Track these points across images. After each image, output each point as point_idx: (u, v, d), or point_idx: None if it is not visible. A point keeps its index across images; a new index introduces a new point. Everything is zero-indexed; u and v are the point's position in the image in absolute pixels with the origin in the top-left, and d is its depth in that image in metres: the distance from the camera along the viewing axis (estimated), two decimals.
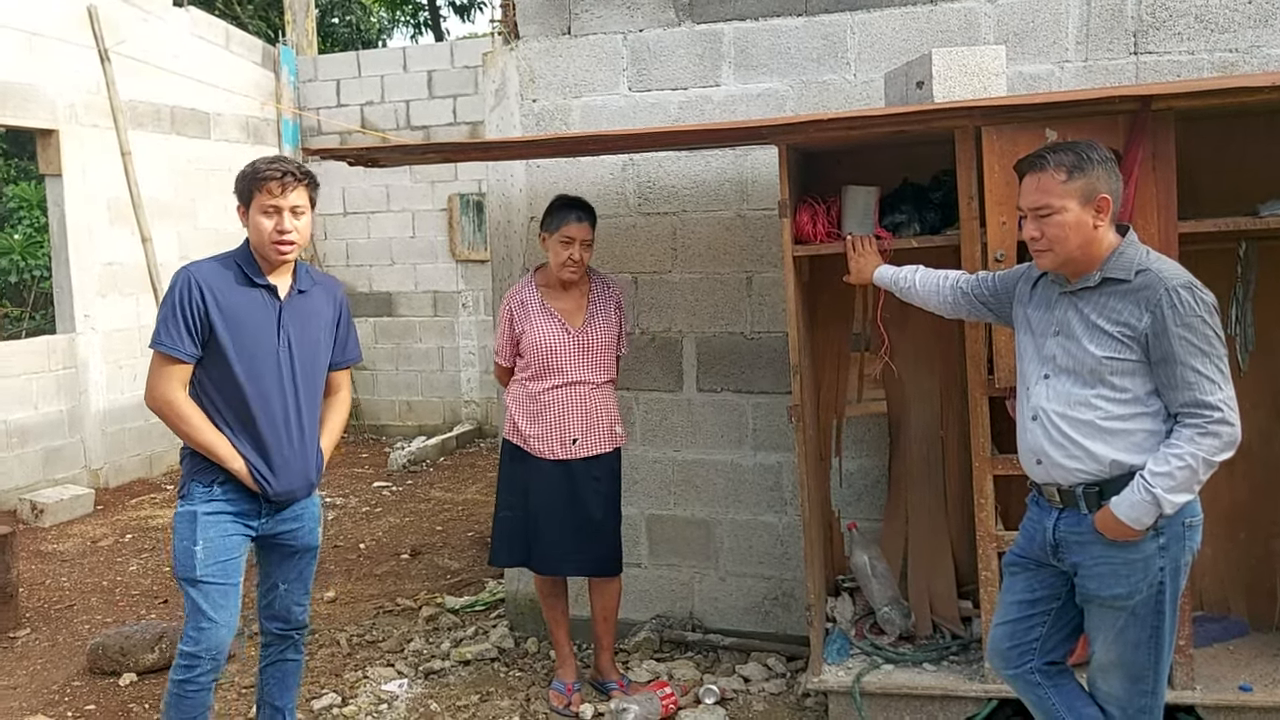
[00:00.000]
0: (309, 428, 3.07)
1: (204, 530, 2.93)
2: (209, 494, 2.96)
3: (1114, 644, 2.57)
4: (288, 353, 2.98)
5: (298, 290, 3.05)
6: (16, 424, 7.21)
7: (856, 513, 4.08)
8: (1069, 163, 2.46)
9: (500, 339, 3.85)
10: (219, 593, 2.95)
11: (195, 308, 2.88)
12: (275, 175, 2.93)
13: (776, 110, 4.07)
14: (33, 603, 5.23)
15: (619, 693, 3.81)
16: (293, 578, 3.18)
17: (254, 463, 2.95)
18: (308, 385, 3.05)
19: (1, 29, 7.04)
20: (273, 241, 2.94)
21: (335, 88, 9.92)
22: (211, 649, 2.95)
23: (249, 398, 2.93)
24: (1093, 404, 2.50)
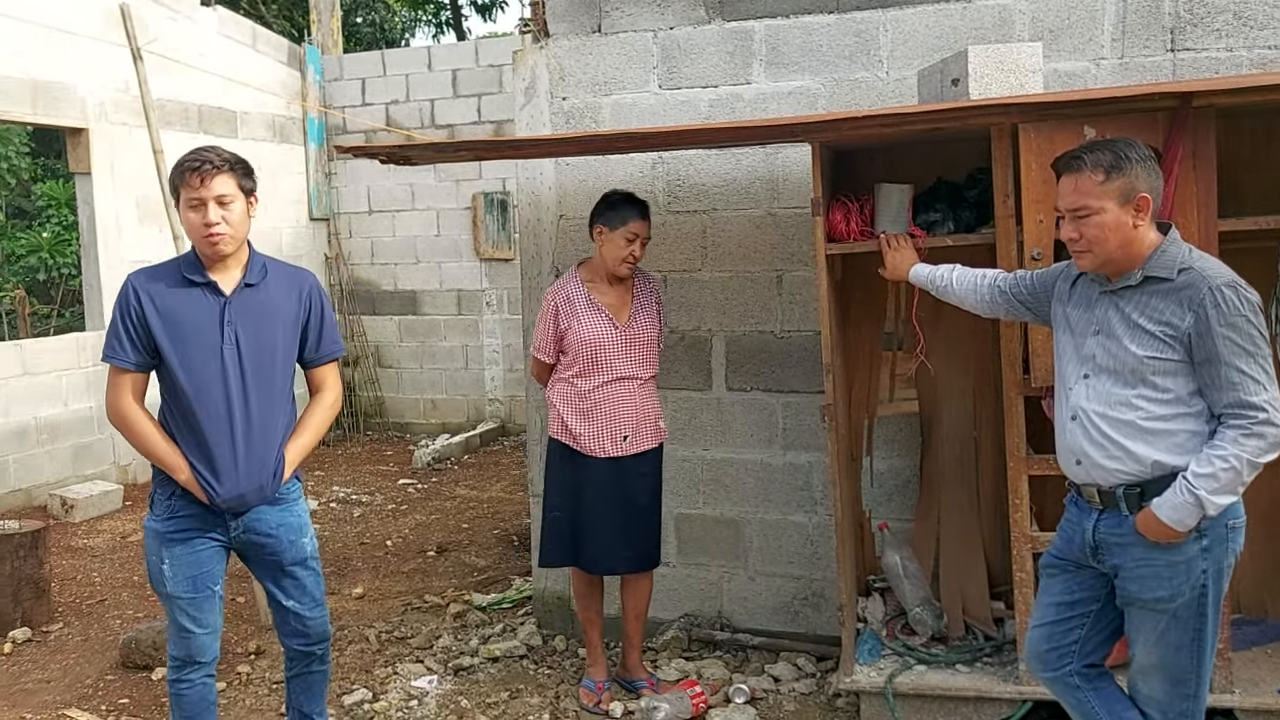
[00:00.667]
0: (261, 430, 2.89)
1: (169, 547, 2.88)
2: (170, 508, 2.90)
3: (1155, 647, 2.54)
4: (234, 351, 2.85)
5: (245, 284, 2.90)
6: (47, 420, 7.28)
7: (888, 513, 4.06)
8: (1107, 162, 2.43)
9: (543, 334, 3.79)
10: (192, 606, 2.92)
11: (134, 314, 2.83)
12: (194, 165, 2.81)
13: (808, 108, 4.06)
14: (65, 597, 5.28)
15: (648, 691, 3.81)
16: (294, 592, 3.06)
17: (199, 469, 2.84)
18: (261, 384, 2.89)
19: (34, 27, 7.11)
20: (201, 236, 2.81)
21: (360, 87, 9.96)
22: (194, 654, 2.95)
23: (191, 400, 2.83)
24: (1134, 404, 2.47)
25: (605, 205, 3.74)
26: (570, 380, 3.75)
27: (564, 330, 3.73)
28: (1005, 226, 3.24)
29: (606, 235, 3.69)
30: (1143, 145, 2.49)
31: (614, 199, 3.74)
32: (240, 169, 2.90)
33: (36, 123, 7.51)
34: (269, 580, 3.06)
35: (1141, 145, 2.49)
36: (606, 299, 3.75)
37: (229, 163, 2.87)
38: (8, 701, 4.06)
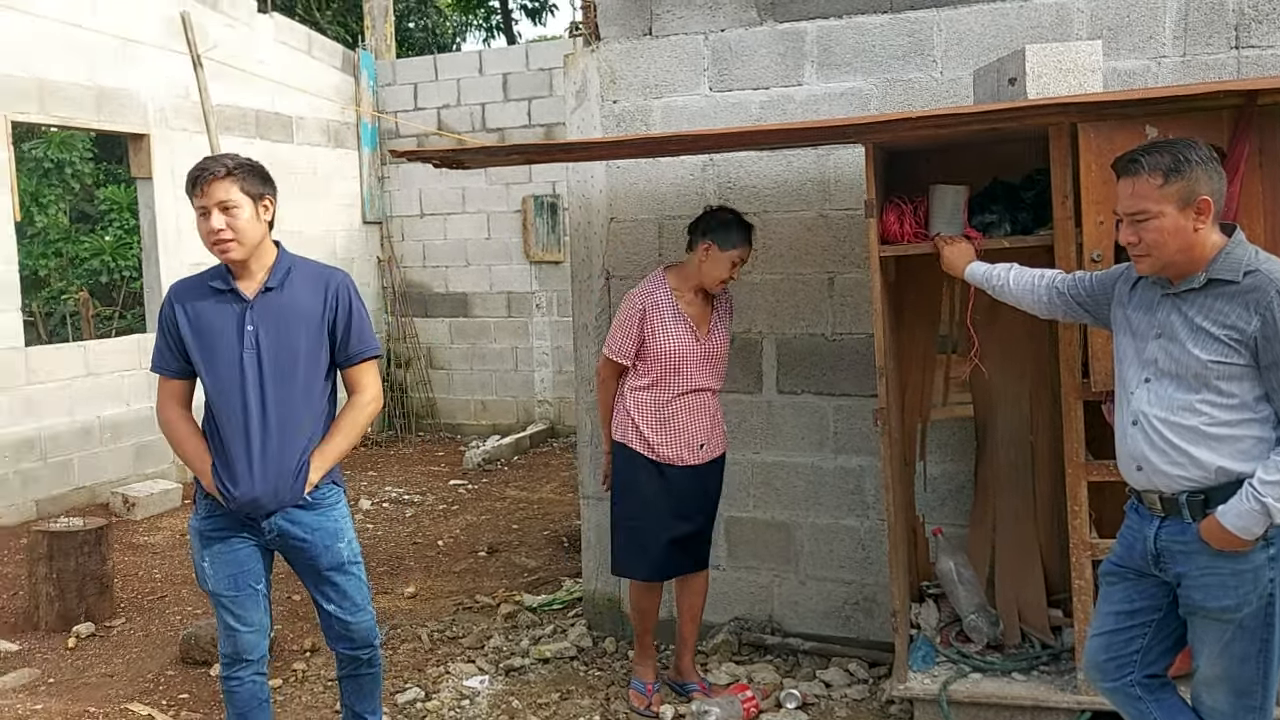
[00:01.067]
0: (280, 435, 2.88)
1: (208, 546, 2.96)
2: (208, 507, 2.97)
3: (1220, 658, 2.48)
4: (255, 354, 2.86)
5: (265, 289, 2.91)
6: (109, 420, 7.45)
7: (941, 518, 4.01)
8: (1165, 165, 2.37)
9: (625, 337, 3.68)
10: (235, 604, 2.98)
11: (169, 324, 2.94)
12: (194, 175, 2.83)
13: (860, 109, 4.03)
14: (127, 593, 5.40)
15: (700, 695, 3.80)
16: (335, 596, 3.06)
17: (219, 472, 2.89)
18: (282, 388, 2.87)
19: (98, 35, 7.29)
20: (211, 244, 2.86)
21: (413, 91, 10.07)
22: (242, 651, 3.01)
23: (214, 405, 2.90)
24: (1197, 409, 2.41)
25: (718, 223, 3.65)
26: (647, 389, 3.69)
27: (647, 336, 3.65)
28: (1064, 228, 3.19)
29: (714, 253, 3.62)
30: (1204, 146, 2.43)
31: (727, 218, 3.66)
32: (245, 173, 2.89)
33: (100, 129, 7.70)
34: (310, 584, 3.10)
35: (1203, 146, 2.43)
36: (691, 309, 3.70)
37: (229, 168, 2.85)
38: (72, 695, 4.16)
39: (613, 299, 4.47)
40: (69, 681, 4.31)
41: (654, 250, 4.40)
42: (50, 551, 4.87)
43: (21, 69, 6.85)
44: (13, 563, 5.88)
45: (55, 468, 7.06)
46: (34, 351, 7.08)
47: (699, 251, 3.65)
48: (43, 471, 6.98)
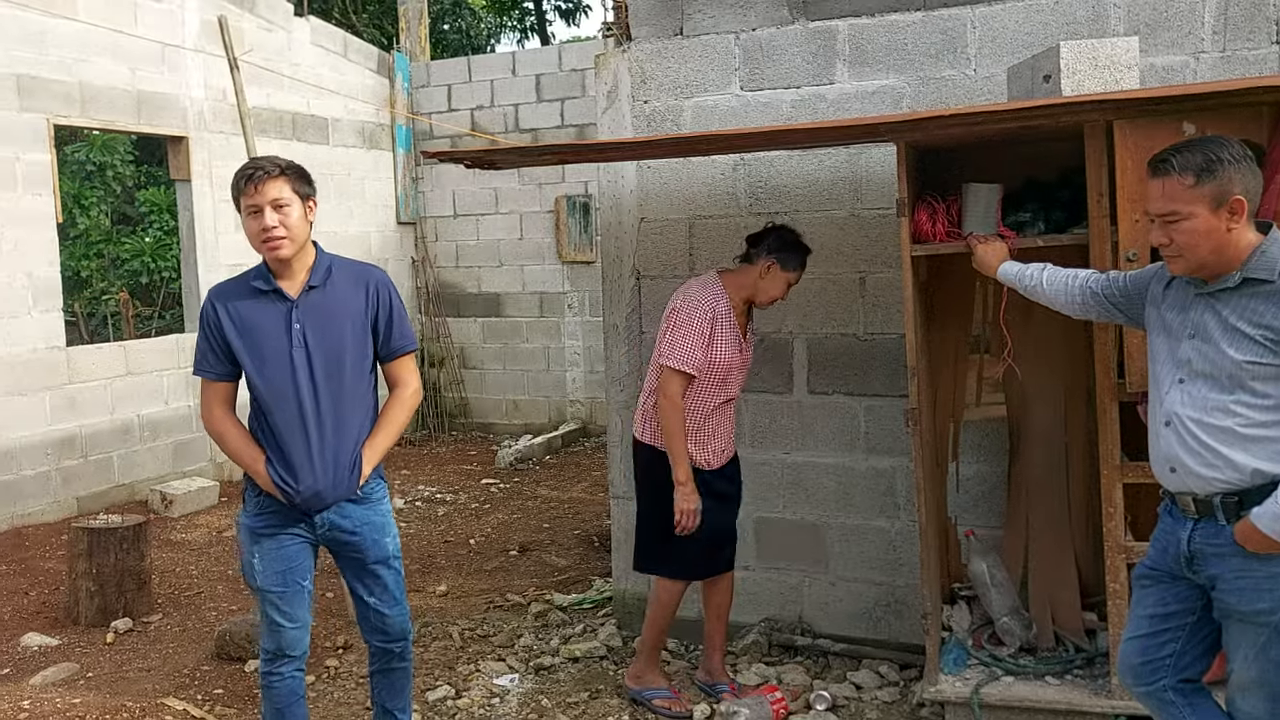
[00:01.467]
0: (335, 428, 2.94)
1: (259, 543, 3.00)
2: (259, 504, 3.01)
3: (1255, 662, 2.44)
4: (304, 352, 2.91)
5: (309, 287, 2.96)
6: (148, 418, 7.56)
7: (974, 519, 3.98)
8: (1196, 165, 2.33)
9: (697, 347, 3.56)
10: (282, 600, 3.02)
11: (212, 327, 2.96)
12: (248, 173, 2.89)
13: (892, 108, 4.00)
14: (164, 589, 5.48)
15: (730, 696, 3.79)
16: (376, 589, 3.11)
17: (277, 469, 2.92)
18: (332, 384, 2.93)
19: (140, 40, 7.41)
20: (261, 241, 2.89)
21: (447, 93, 10.13)
22: (284, 647, 3.05)
23: (266, 404, 2.93)
24: (1231, 410, 2.37)
25: (783, 242, 3.64)
26: (695, 397, 3.65)
27: (712, 346, 3.60)
28: (1099, 227, 3.15)
29: (775, 271, 3.62)
30: (1238, 144, 2.38)
31: (793, 239, 3.67)
32: (294, 174, 2.96)
33: (140, 131, 7.82)
34: (352, 577, 3.14)
35: (1236, 144, 2.38)
36: (739, 319, 3.70)
37: (281, 168, 2.93)
38: (111, 689, 4.22)
39: (643, 299, 4.47)
40: (107, 676, 4.38)
41: (685, 250, 4.39)
42: (90, 548, 4.95)
43: (65, 73, 6.97)
44: (54, 558, 5.99)
45: (96, 465, 7.18)
46: (75, 351, 7.20)
47: (759, 266, 3.64)
48: (84, 469, 7.10)
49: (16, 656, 4.62)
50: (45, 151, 6.87)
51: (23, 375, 6.69)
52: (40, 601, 5.36)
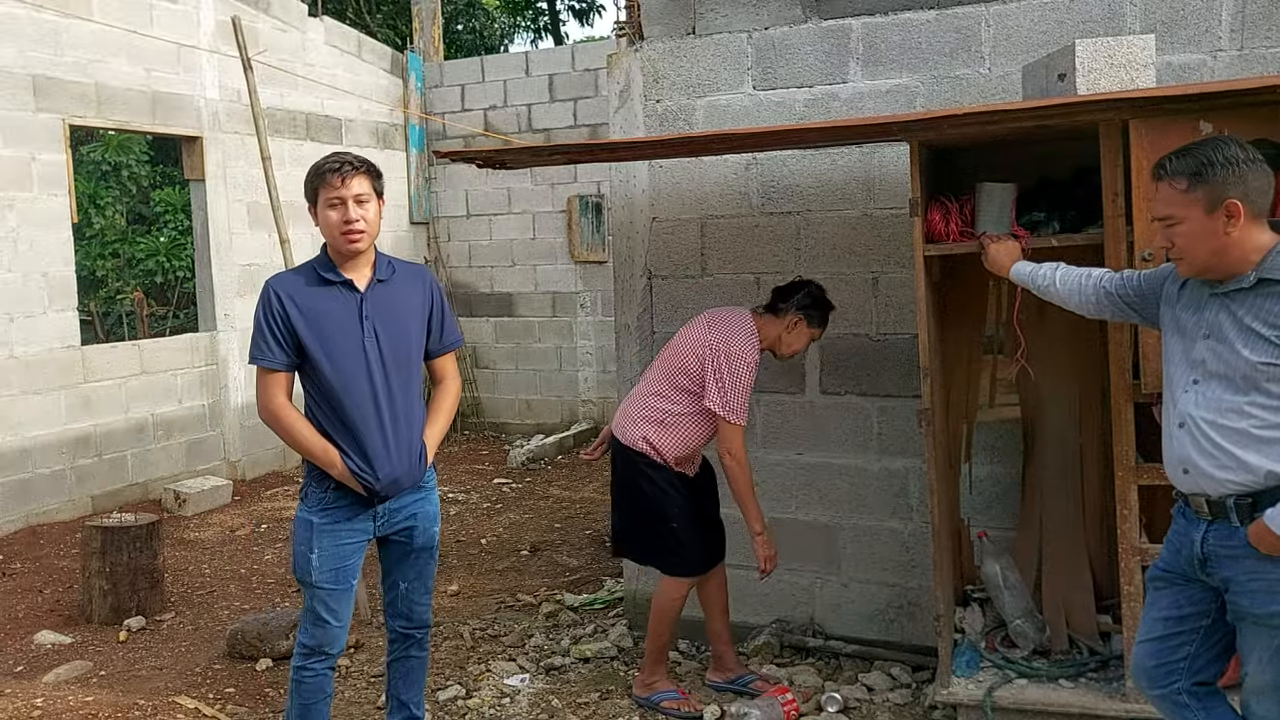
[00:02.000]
0: (405, 418, 3.04)
1: (319, 539, 3.00)
2: (324, 500, 3.02)
3: (1269, 665, 2.41)
4: (374, 344, 2.99)
5: (377, 280, 3.05)
6: (162, 417, 7.59)
7: (987, 521, 3.95)
8: (1189, 169, 2.34)
9: (747, 394, 3.66)
10: (332, 597, 3.04)
11: (277, 316, 2.95)
12: (335, 167, 2.97)
13: (906, 107, 3.98)
14: (177, 588, 5.50)
15: (761, 683, 3.84)
16: (412, 576, 3.20)
17: (354, 460, 2.96)
18: (400, 375, 3.03)
19: (155, 41, 7.44)
20: (341, 233, 2.96)
21: (460, 93, 10.14)
22: (324, 644, 3.06)
23: (339, 394, 2.96)
24: (1246, 411, 2.35)
25: (813, 300, 3.71)
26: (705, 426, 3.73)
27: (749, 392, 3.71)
28: (1114, 226, 3.12)
29: (801, 328, 3.71)
30: (1237, 145, 2.36)
31: (821, 297, 3.74)
32: (374, 173, 3.06)
33: (155, 132, 7.86)
34: (392, 563, 3.20)
35: (1235, 146, 2.36)
36: None
37: (365, 165, 3.03)
38: (124, 687, 4.24)
39: (655, 299, 4.46)
40: (120, 674, 4.40)
41: (697, 250, 4.38)
42: (104, 546, 4.97)
43: (80, 74, 7.01)
44: (68, 557, 6.02)
45: (110, 464, 7.22)
46: (90, 350, 7.24)
47: (787, 320, 3.70)
48: (98, 468, 7.13)
49: (30, 654, 4.65)
50: (61, 152, 6.90)
51: (38, 374, 6.73)
52: (54, 599, 5.38)
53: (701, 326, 3.71)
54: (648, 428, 3.72)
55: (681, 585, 3.80)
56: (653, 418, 3.72)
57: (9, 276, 6.58)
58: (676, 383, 3.70)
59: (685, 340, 3.73)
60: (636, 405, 3.80)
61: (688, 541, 3.74)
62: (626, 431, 3.77)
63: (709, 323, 3.71)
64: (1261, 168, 2.36)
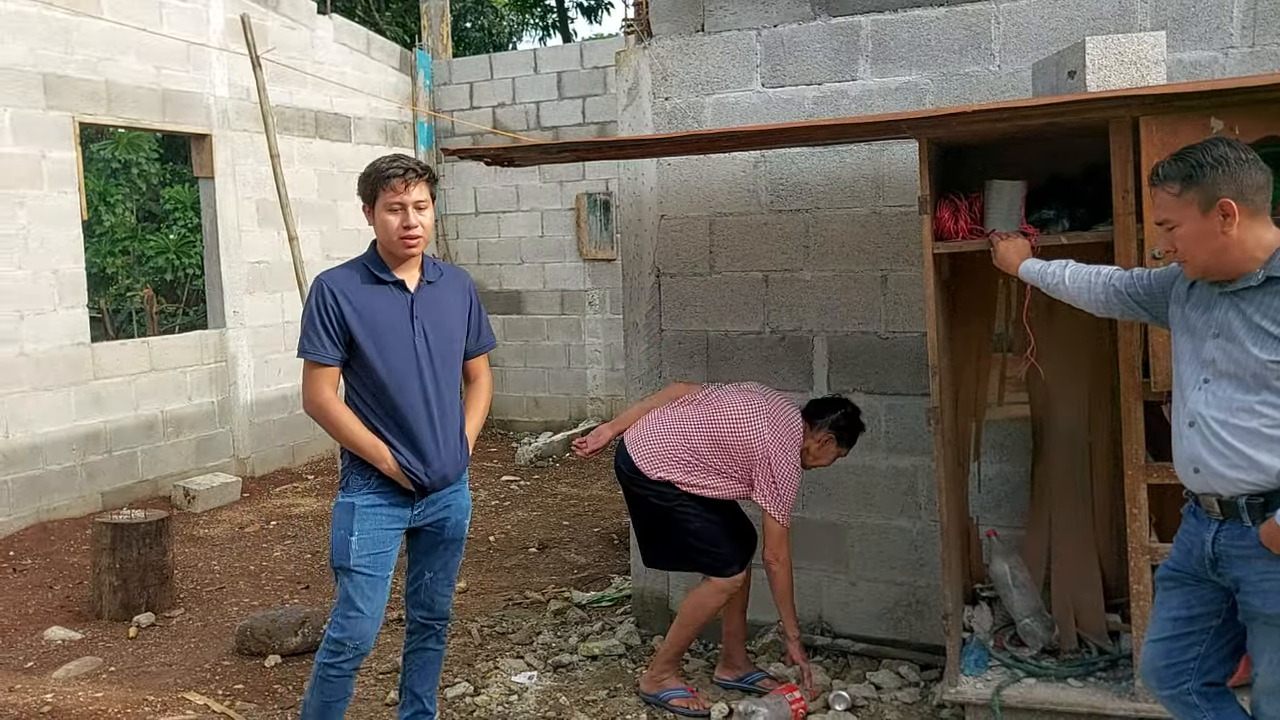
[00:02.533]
0: (451, 414, 3.13)
1: (360, 522, 3.03)
2: (367, 486, 3.06)
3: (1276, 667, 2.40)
4: (424, 342, 3.06)
5: (426, 282, 3.13)
6: (172, 414, 7.62)
7: (996, 520, 3.94)
8: (1180, 173, 2.37)
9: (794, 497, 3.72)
10: (369, 584, 3.05)
11: (330, 312, 2.99)
12: (398, 173, 3.01)
13: (915, 104, 3.97)
14: (186, 584, 5.51)
15: (770, 681, 3.86)
16: (438, 567, 3.25)
17: (404, 454, 3.02)
18: (446, 373, 3.11)
19: (163, 39, 7.46)
20: (400, 237, 3.02)
21: (468, 90, 10.15)
22: (355, 637, 3.06)
23: (391, 391, 3.02)
24: (1256, 410, 2.34)
25: (849, 423, 3.77)
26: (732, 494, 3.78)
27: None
28: (1124, 224, 3.11)
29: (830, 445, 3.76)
30: (1227, 145, 2.36)
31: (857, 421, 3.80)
32: (432, 178, 3.14)
33: (164, 129, 7.88)
34: (421, 553, 3.24)
35: (1226, 145, 2.37)
36: None
37: (427, 172, 3.10)
38: (133, 683, 4.26)
39: (664, 297, 4.46)
40: (129, 670, 4.42)
41: (705, 248, 4.38)
42: (113, 543, 4.99)
43: (91, 72, 7.03)
44: (79, 553, 6.04)
45: (120, 461, 7.24)
46: (100, 347, 7.26)
47: (820, 435, 3.73)
48: (107, 464, 7.16)
49: (40, 650, 4.67)
50: (71, 149, 6.92)
51: (48, 371, 6.75)
52: (64, 595, 5.41)
53: (762, 418, 3.65)
54: (678, 472, 3.70)
55: (720, 591, 3.76)
56: (687, 466, 3.70)
57: (19, 274, 6.60)
58: (724, 457, 3.68)
59: (742, 422, 3.66)
60: (671, 443, 3.71)
61: (717, 538, 3.74)
62: (652, 465, 3.71)
63: (770, 420, 3.66)
64: (1255, 165, 2.36)
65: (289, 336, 8.44)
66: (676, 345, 4.45)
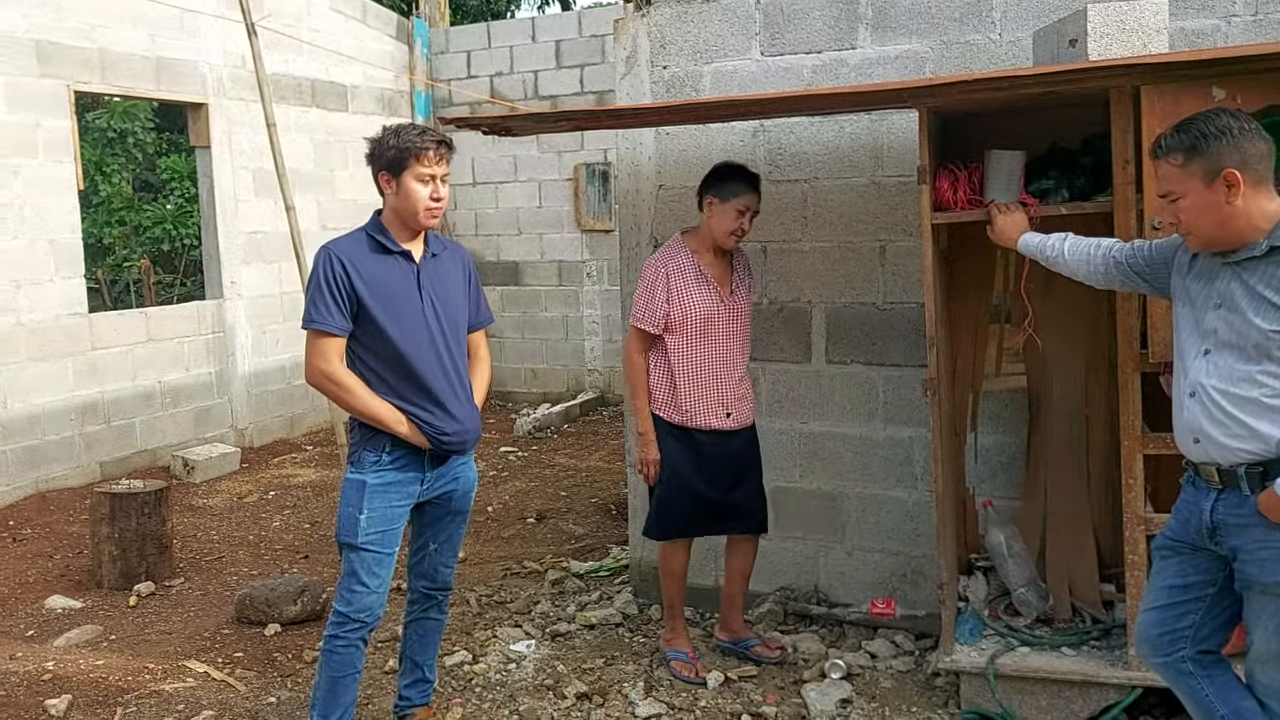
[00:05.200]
0: (465, 380, 3.16)
1: (371, 500, 3.03)
2: (379, 463, 3.05)
3: (1276, 634, 2.41)
4: (433, 311, 3.07)
5: (431, 254, 3.15)
6: (170, 385, 7.62)
7: (992, 490, 3.95)
8: (1184, 145, 2.36)
9: (651, 303, 3.70)
10: (375, 560, 3.06)
11: (339, 281, 2.97)
12: (431, 145, 3.02)
13: (915, 73, 3.94)
14: (186, 554, 5.54)
15: (762, 648, 3.86)
16: (443, 539, 3.28)
17: (430, 415, 3.02)
18: (455, 343, 3.14)
19: (159, 6, 7.38)
20: (425, 208, 3.04)
21: (466, 59, 10.07)
22: (361, 611, 3.07)
23: (409, 357, 3.02)
24: (1258, 380, 2.35)
25: (716, 177, 3.68)
26: (677, 353, 3.71)
27: (673, 300, 3.67)
28: (1124, 195, 3.09)
29: (717, 207, 3.65)
30: (1230, 115, 2.36)
31: (725, 171, 3.69)
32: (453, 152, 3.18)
33: (160, 98, 7.82)
34: (426, 525, 3.26)
35: (1229, 115, 2.36)
36: (714, 270, 3.72)
37: (452, 147, 3.14)
38: (133, 651, 4.28)
39: None
40: (130, 638, 4.44)
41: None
42: (112, 512, 5.00)
43: (85, 39, 6.97)
44: (78, 523, 6.06)
45: (118, 431, 7.25)
46: (98, 318, 7.25)
47: (705, 209, 3.70)
48: (106, 435, 7.17)
49: (41, 618, 4.69)
50: (66, 118, 6.88)
51: (46, 342, 6.74)
52: (64, 565, 5.43)
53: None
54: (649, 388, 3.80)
55: (664, 546, 3.84)
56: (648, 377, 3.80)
57: (15, 244, 6.58)
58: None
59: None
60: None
61: (667, 505, 3.76)
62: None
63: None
64: (1258, 134, 2.35)
65: (286, 307, 8.42)
66: None
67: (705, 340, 3.69)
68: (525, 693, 3.75)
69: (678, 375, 3.71)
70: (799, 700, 3.60)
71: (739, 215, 3.64)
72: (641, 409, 3.75)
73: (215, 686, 3.92)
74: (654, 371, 3.76)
